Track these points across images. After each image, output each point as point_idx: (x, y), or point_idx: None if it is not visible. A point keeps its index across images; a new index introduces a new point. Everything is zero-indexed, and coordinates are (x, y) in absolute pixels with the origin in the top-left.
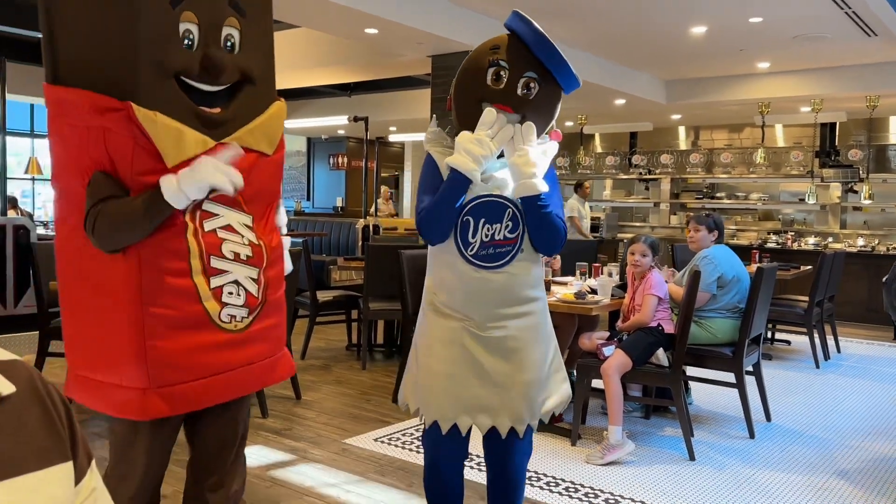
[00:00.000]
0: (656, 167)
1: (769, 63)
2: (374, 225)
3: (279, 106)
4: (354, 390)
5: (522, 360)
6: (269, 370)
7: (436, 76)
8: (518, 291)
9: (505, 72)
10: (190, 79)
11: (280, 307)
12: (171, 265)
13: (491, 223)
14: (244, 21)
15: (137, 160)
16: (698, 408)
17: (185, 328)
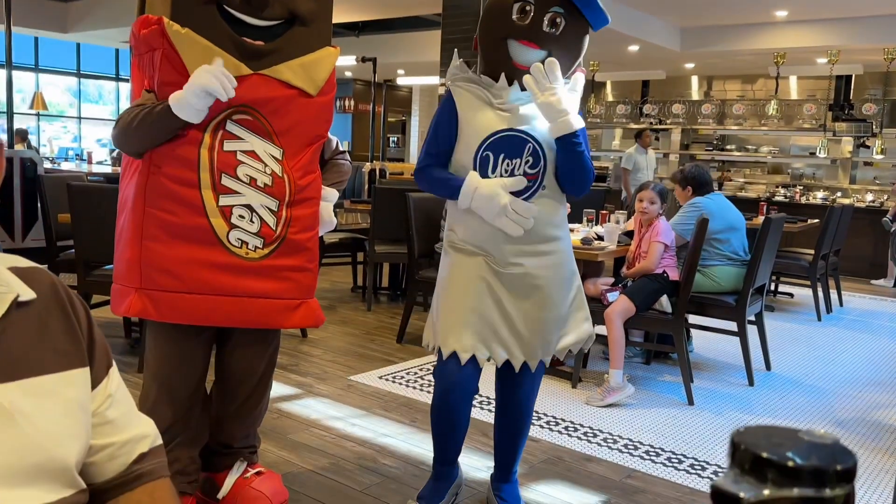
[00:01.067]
0: (667, 117)
1: (787, 11)
2: (381, 168)
3: (329, 51)
4: (359, 330)
5: (542, 298)
6: (287, 312)
7: (447, 16)
8: (539, 229)
9: (531, 6)
10: (232, 8)
11: (307, 250)
12: (178, 173)
13: (511, 158)
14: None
15: (163, 70)
16: (699, 355)
17: (185, 237)
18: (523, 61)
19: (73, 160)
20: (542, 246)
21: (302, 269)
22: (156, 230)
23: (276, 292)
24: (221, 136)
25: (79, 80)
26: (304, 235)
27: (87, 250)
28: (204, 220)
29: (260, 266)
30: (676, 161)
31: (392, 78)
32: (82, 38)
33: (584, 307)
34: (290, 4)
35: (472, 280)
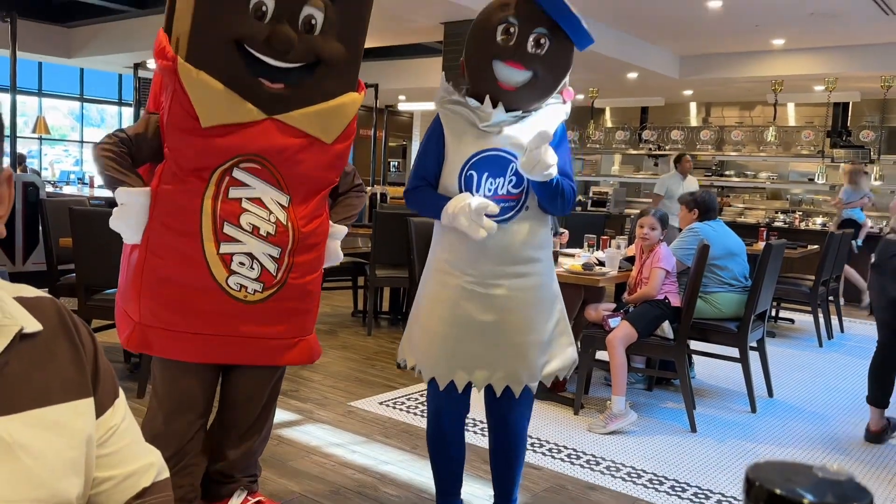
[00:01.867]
0: (666, 143)
1: (784, 40)
2: (382, 193)
3: (352, 97)
4: (360, 355)
5: (521, 321)
6: (283, 350)
7: (448, 44)
8: (520, 250)
9: (514, 28)
10: (254, 49)
11: (308, 294)
12: (179, 223)
13: (494, 177)
14: (332, 6)
15: (173, 112)
16: (701, 381)
17: (184, 283)
18: (508, 82)
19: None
20: (521, 268)
21: (301, 311)
22: (156, 275)
23: (273, 333)
24: (227, 183)
25: (81, 105)
26: (306, 279)
27: (88, 275)
28: (203, 267)
29: (258, 308)
30: None
31: (393, 104)
32: (86, 63)
33: (568, 332)
34: (316, 48)
35: (450, 305)
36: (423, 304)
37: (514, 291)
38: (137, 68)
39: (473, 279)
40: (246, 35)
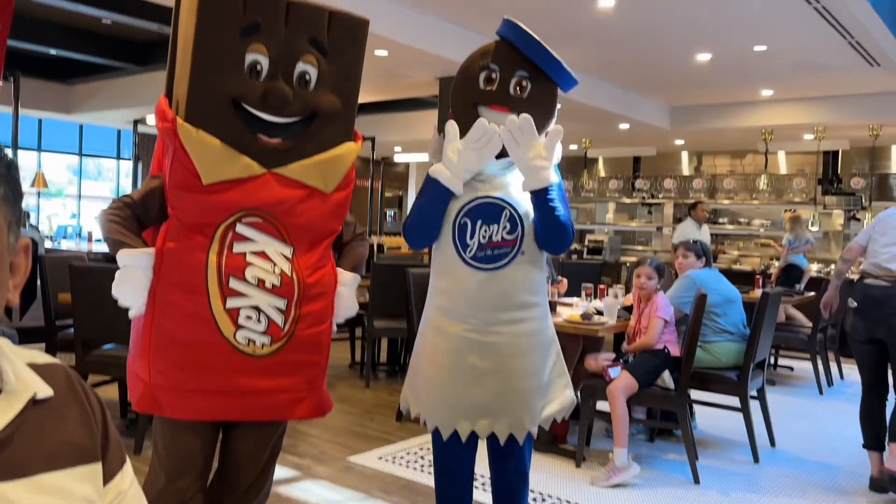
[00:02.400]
0: (659, 192)
1: (773, 91)
2: (379, 244)
3: (349, 147)
4: (358, 408)
5: (522, 367)
6: (293, 404)
7: (443, 98)
8: (518, 296)
9: (496, 73)
10: (250, 106)
11: (317, 345)
12: (185, 280)
13: (488, 224)
14: (325, 60)
15: (174, 172)
16: (702, 432)
17: (192, 339)
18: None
19: (72, 238)
20: (519, 313)
21: (310, 363)
22: (163, 335)
23: (283, 387)
24: (231, 239)
25: (80, 159)
26: (315, 330)
27: (87, 330)
28: (210, 324)
29: (268, 362)
30: (670, 234)
31: (389, 155)
32: (85, 119)
33: (565, 374)
34: (312, 102)
35: (450, 353)
36: (424, 353)
37: (512, 338)
38: (137, 124)
39: (472, 327)
40: (242, 93)
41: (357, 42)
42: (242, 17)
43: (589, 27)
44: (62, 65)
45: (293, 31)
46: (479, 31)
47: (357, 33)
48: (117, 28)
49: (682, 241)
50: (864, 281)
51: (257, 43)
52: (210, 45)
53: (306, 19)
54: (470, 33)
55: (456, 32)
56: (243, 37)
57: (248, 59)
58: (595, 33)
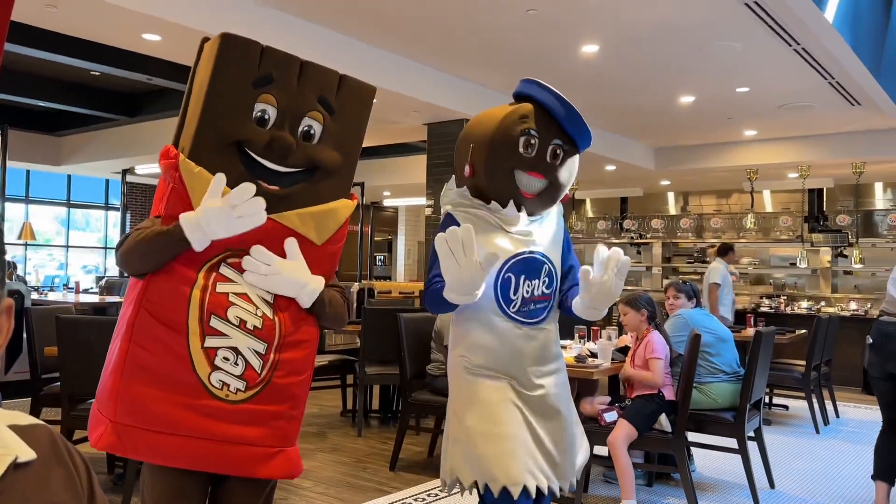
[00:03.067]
0: (647, 232)
1: (756, 131)
2: (369, 288)
3: (345, 203)
4: (350, 458)
5: (564, 418)
6: (263, 460)
7: (431, 143)
8: (553, 347)
9: (535, 140)
10: (254, 152)
11: (292, 397)
12: (166, 312)
13: (531, 279)
14: (330, 118)
15: (170, 204)
16: (701, 475)
17: (165, 377)
18: (529, 190)
19: (59, 289)
20: (554, 364)
21: (284, 416)
22: (137, 367)
23: (253, 439)
24: (215, 278)
25: (68, 210)
26: (291, 380)
27: (74, 384)
28: (186, 362)
29: (240, 410)
30: (660, 273)
31: (378, 199)
32: (74, 170)
33: (580, 422)
34: (314, 155)
35: (504, 405)
36: (470, 413)
37: (554, 389)
38: (125, 174)
39: (519, 381)
40: (247, 138)
41: (363, 106)
42: (258, 68)
43: (574, 72)
44: (51, 116)
45: (303, 88)
46: (466, 77)
47: (364, 98)
48: (106, 79)
49: (672, 281)
50: (880, 318)
51: (268, 94)
52: (222, 91)
53: (317, 78)
54: (457, 80)
55: (443, 79)
56: (256, 87)
57: (258, 108)
58: (580, 78)
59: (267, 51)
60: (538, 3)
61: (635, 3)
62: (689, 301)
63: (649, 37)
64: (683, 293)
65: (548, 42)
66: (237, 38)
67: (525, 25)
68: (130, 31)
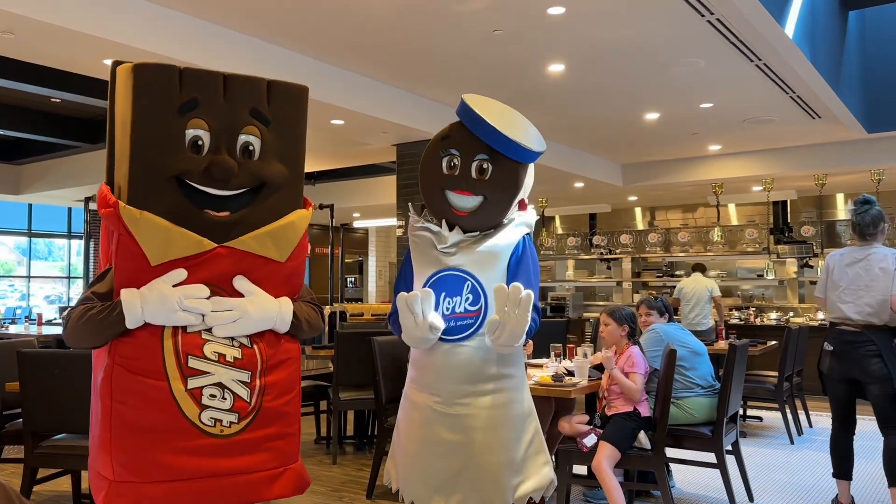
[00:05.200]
0: (616, 247)
1: (720, 146)
2: (342, 311)
3: (300, 214)
4: (326, 487)
5: (491, 441)
6: (269, 483)
7: (401, 163)
8: (484, 367)
9: (457, 159)
10: (194, 182)
11: (285, 416)
12: (142, 365)
13: (451, 296)
14: (268, 130)
15: (120, 256)
16: (680, 490)
17: (154, 428)
18: (461, 208)
19: (21, 321)
20: (487, 385)
21: (282, 435)
22: (124, 424)
23: (255, 465)
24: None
25: (29, 239)
26: (282, 400)
27: (37, 420)
28: (173, 407)
29: (237, 441)
30: (630, 288)
31: (348, 221)
32: (35, 199)
33: (544, 451)
34: (258, 172)
35: (420, 425)
36: (400, 426)
37: (479, 410)
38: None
39: (440, 399)
40: (185, 169)
41: (298, 109)
42: (179, 94)
43: (541, 90)
44: (10, 145)
45: (233, 104)
46: (434, 98)
47: (297, 101)
48: (66, 106)
49: (644, 298)
50: (837, 327)
51: (197, 118)
52: (148, 125)
53: (245, 91)
54: (425, 100)
55: (412, 100)
56: (182, 114)
57: (189, 135)
58: (547, 96)
59: (186, 73)
60: (504, 24)
61: (600, 22)
62: (662, 317)
63: (614, 55)
64: (655, 309)
65: (514, 62)
66: (151, 66)
67: (492, 46)
68: (91, 57)
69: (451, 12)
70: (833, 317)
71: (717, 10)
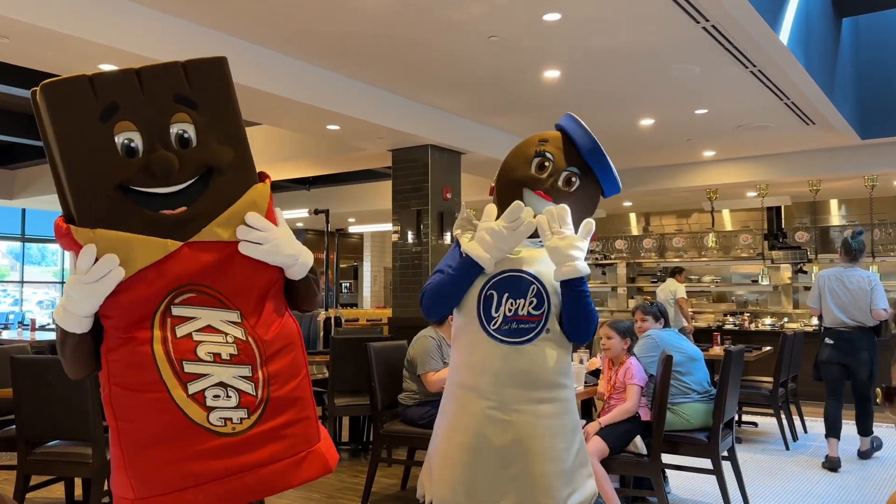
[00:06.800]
0: (611, 252)
1: (715, 151)
2: (336, 317)
3: (258, 189)
4: (321, 493)
5: (545, 449)
6: (293, 469)
7: (396, 169)
8: (544, 374)
9: (549, 163)
10: (138, 186)
11: (297, 400)
12: (137, 380)
13: (514, 298)
14: (198, 112)
15: None
16: (676, 496)
17: (165, 440)
18: (535, 210)
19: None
20: (544, 393)
21: (296, 420)
22: (133, 443)
23: (275, 455)
24: (171, 324)
25: (23, 244)
26: (289, 387)
27: (30, 427)
28: (179, 416)
29: (251, 436)
30: (625, 294)
31: (343, 226)
32: (28, 204)
33: (588, 464)
34: (200, 158)
35: (470, 431)
36: (442, 432)
37: (535, 418)
38: None
39: (494, 404)
40: (126, 176)
41: (222, 83)
42: (96, 102)
43: (536, 96)
44: (4, 150)
45: (153, 97)
46: (430, 103)
47: (218, 74)
48: None
49: (639, 305)
50: (835, 328)
51: (122, 121)
52: (74, 141)
53: (162, 80)
54: (421, 106)
55: (408, 105)
56: (105, 121)
57: (120, 140)
58: (542, 102)
59: (96, 78)
60: (500, 30)
61: (595, 28)
62: (657, 322)
63: (609, 61)
64: (650, 315)
65: (510, 67)
66: (57, 83)
67: (487, 52)
68: (86, 62)
69: (447, 18)
70: (830, 322)
71: (713, 16)
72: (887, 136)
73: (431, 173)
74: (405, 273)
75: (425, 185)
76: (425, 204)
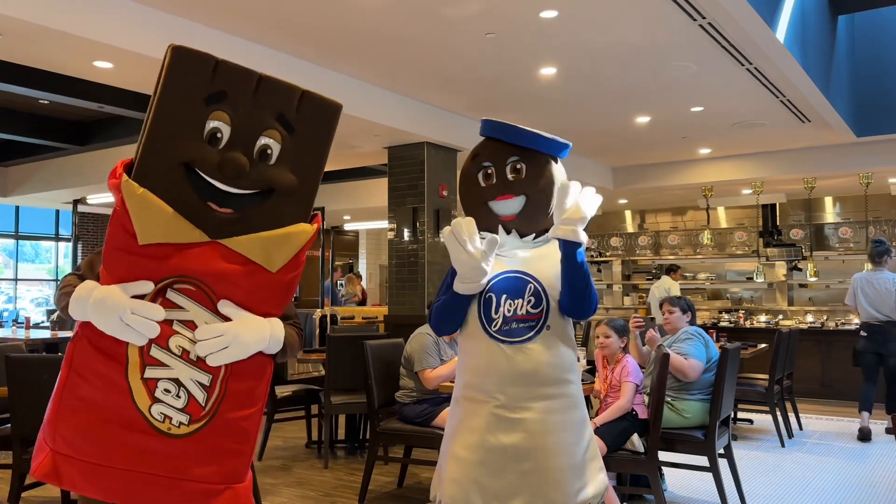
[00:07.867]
0: (607, 250)
1: (710, 149)
2: (332, 315)
3: (302, 227)
4: (317, 492)
5: (555, 444)
6: (207, 498)
7: (392, 166)
8: (549, 372)
9: (491, 169)
10: (203, 172)
11: (241, 431)
12: (106, 343)
13: (513, 299)
14: (289, 137)
15: (112, 231)
16: (672, 494)
17: (102, 405)
18: (507, 213)
19: (8, 324)
20: (550, 389)
21: (232, 452)
22: (75, 397)
23: (197, 475)
24: (160, 305)
25: (17, 242)
26: (240, 413)
27: (25, 426)
28: (125, 392)
29: (183, 444)
30: (620, 291)
31: (339, 224)
32: (22, 201)
33: (598, 457)
34: (269, 176)
35: (479, 432)
36: (452, 435)
37: (543, 415)
38: (77, 204)
39: (500, 403)
40: (197, 158)
41: (327, 125)
42: (210, 84)
43: (532, 94)
44: None
45: (260, 105)
46: (426, 100)
47: (329, 116)
48: (55, 108)
49: (667, 297)
50: (869, 322)
51: (220, 111)
52: (171, 107)
53: (276, 95)
54: (417, 103)
55: (404, 102)
56: (208, 104)
57: (209, 126)
58: (538, 99)
59: (221, 65)
60: (496, 27)
61: (592, 25)
62: (684, 315)
63: (606, 59)
64: (678, 307)
65: (506, 65)
66: (188, 51)
67: (484, 49)
68: (81, 59)
69: (443, 15)
70: (864, 317)
71: (709, 14)
72: (882, 133)
73: (427, 171)
74: (401, 271)
75: (421, 182)
76: (421, 201)
